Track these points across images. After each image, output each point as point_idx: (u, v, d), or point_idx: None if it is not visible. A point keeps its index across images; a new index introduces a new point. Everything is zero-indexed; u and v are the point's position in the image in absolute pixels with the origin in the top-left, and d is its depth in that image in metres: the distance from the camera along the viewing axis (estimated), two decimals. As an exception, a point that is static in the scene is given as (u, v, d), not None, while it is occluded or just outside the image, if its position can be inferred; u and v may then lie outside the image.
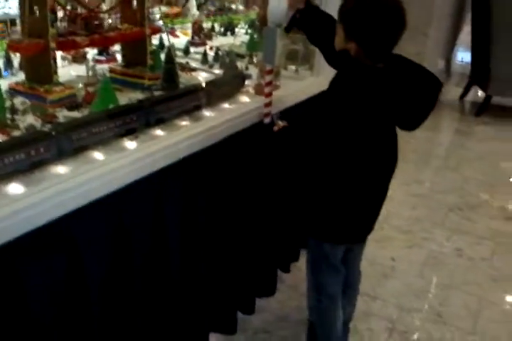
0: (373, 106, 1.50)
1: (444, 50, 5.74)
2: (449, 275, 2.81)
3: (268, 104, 1.91)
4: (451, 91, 6.27)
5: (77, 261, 1.30)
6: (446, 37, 5.60)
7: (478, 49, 5.71)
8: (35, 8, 1.59)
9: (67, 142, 1.38)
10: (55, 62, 1.66)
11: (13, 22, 2.69)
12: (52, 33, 1.61)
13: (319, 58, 2.36)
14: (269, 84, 1.87)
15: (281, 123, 1.74)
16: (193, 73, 2.34)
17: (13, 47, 1.63)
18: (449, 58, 6.28)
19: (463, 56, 7.10)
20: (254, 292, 2.29)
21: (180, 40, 2.90)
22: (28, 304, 1.20)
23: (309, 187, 1.77)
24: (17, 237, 1.13)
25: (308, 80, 2.37)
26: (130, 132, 1.59)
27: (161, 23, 2.99)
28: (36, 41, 1.57)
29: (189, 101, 1.84)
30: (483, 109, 5.58)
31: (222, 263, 1.98)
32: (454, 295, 2.64)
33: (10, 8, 2.48)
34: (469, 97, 6.15)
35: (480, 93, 5.93)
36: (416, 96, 1.52)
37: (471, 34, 5.87)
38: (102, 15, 1.90)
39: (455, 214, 3.46)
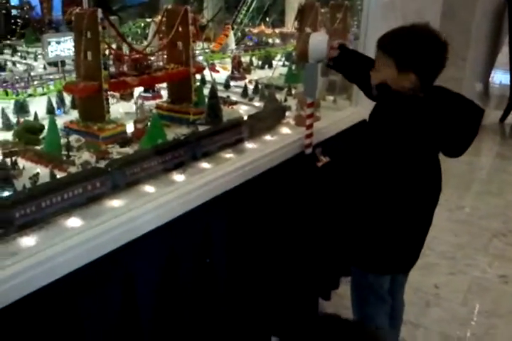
0: (419, 136, 1.53)
1: (482, 72, 5.70)
2: (494, 302, 2.73)
3: (309, 135, 1.96)
4: (491, 115, 6.18)
5: (131, 292, 1.35)
6: (484, 60, 5.56)
7: (517, 71, 5.64)
8: (89, 52, 1.71)
9: (121, 177, 1.46)
10: (108, 101, 1.76)
11: (63, 63, 2.87)
12: (105, 75, 1.72)
13: (357, 88, 2.41)
14: (310, 116, 1.92)
15: (324, 159, 1.78)
16: (235, 106, 2.43)
17: (69, 89, 1.75)
18: (487, 81, 6.22)
19: (502, 78, 7.02)
20: (296, 320, 2.29)
21: (221, 74, 3.01)
22: (85, 334, 1.26)
23: (354, 216, 1.79)
24: (75, 270, 1.19)
25: (347, 110, 2.42)
26: (178, 166, 1.66)
27: (201, 57, 3.13)
28: (91, 83, 1.68)
29: (232, 134, 1.91)
30: (524, 132, 5.49)
31: (264, 290, 2.00)
32: (499, 323, 2.56)
33: (62, 50, 2.65)
34: (509, 120, 6.05)
35: (521, 115, 5.84)
36: (459, 123, 1.55)
37: (509, 56, 5.81)
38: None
39: (498, 240, 3.38)
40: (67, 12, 1.71)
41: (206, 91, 2.30)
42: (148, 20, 4.02)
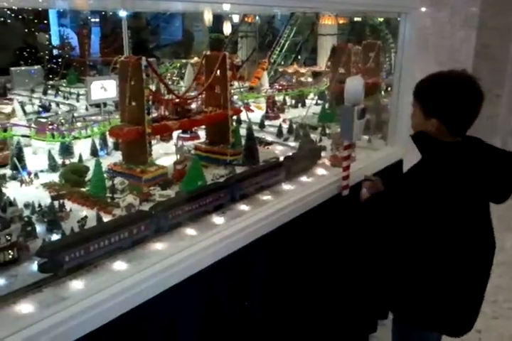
0: (464, 182, 1.49)
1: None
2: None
3: (346, 177, 1.97)
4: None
5: (173, 336, 1.36)
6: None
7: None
8: (133, 98, 1.78)
9: (164, 220, 1.50)
10: (150, 145, 1.82)
11: (105, 104, 2.99)
12: (148, 119, 1.79)
13: (393, 128, 2.43)
14: (346, 158, 1.94)
15: (366, 192, 1.80)
16: (270, 147, 2.47)
17: (114, 133, 1.81)
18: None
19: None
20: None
21: (255, 114, 3.08)
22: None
23: (397, 266, 1.68)
24: (120, 315, 1.21)
25: (383, 150, 2.43)
26: (218, 208, 1.69)
27: (236, 97, 3.21)
28: (135, 128, 1.75)
29: (270, 176, 1.94)
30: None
31: (301, 333, 1.97)
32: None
33: (104, 92, 2.77)
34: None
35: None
36: (501, 168, 1.52)
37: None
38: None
39: (543, 283, 3.26)
40: (113, 62, 1.80)
41: (241, 130, 2.37)
42: (184, 60, 4.16)
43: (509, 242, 3.96)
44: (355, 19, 4.80)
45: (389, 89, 3.21)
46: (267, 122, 2.89)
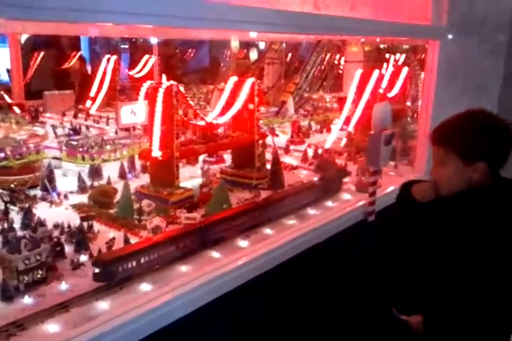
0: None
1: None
2: None
3: (372, 203, 1.96)
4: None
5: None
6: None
7: None
8: (162, 123, 1.82)
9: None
10: (178, 168, 1.85)
11: (134, 128, 3.05)
12: (177, 143, 1.82)
13: (420, 154, 2.42)
14: (373, 184, 1.94)
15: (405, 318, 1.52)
16: (295, 171, 2.48)
17: (144, 156, 1.85)
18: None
19: None
20: None
21: (280, 138, 3.11)
22: None
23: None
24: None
25: (408, 176, 2.41)
26: (243, 231, 1.70)
27: (261, 121, 3.25)
28: (164, 151, 1.78)
29: (295, 200, 1.94)
30: None
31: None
32: None
33: (134, 117, 2.83)
34: None
35: None
36: None
37: None
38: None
39: None
40: (147, 88, 1.84)
41: (267, 154, 2.39)
42: (211, 86, 4.24)
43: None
44: (382, 46, 4.86)
45: (415, 115, 3.21)
46: (292, 147, 2.91)
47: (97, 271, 1.29)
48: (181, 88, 1.92)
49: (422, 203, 1.46)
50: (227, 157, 2.42)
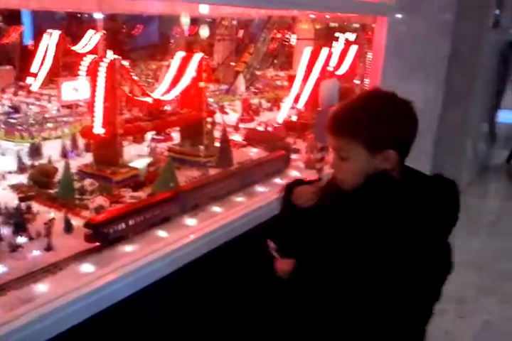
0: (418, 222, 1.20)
1: (487, 113, 5.76)
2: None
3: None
4: (497, 155, 6.20)
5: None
6: (490, 100, 5.64)
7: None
8: (105, 99, 1.75)
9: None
10: (122, 146, 1.79)
11: (76, 106, 2.94)
12: (121, 120, 1.76)
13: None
14: (320, 160, 1.94)
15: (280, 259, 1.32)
16: (244, 149, 2.46)
17: (85, 133, 1.78)
18: (493, 121, 6.28)
19: (508, 118, 7.06)
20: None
21: (230, 116, 3.07)
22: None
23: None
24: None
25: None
26: (191, 209, 1.67)
27: (211, 99, 3.20)
28: (107, 128, 1.72)
29: (243, 178, 1.93)
30: (531, 173, 5.48)
31: None
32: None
33: (76, 93, 2.72)
34: (517, 160, 6.06)
35: (527, 156, 5.84)
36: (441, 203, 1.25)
37: (515, 96, 5.89)
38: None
39: (508, 282, 3.33)
40: (92, 62, 1.76)
41: (216, 132, 2.36)
42: (159, 63, 4.13)
43: (476, 244, 4.03)
44: (332, 24, 4.85)
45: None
46: (242, 125, 2.89)
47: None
48: (125, 63, 1.85)
49: (303, 208, 1.28)
50: (176, 135, 2.37)
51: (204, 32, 5.90)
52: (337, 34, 4.64)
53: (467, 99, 4.41)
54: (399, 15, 3.00)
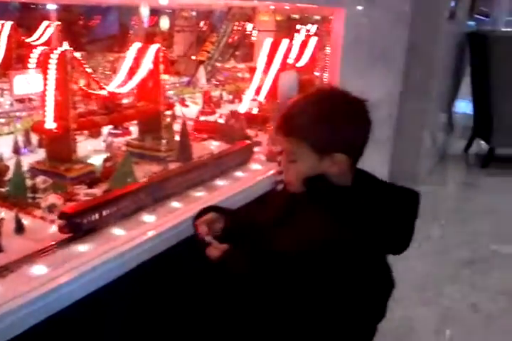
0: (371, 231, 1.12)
1: (445, 103, 5.89)
2: (466, 332, 2.74)
3: (280, 172, 1.95)
4: (455, 144, 6.36)
5: None
6: (448, 91, 5.77)
7: (479, 102, 5.85)
8: (57, 92, 1.68)
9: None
10: (75, 141, 1.73)
11: (30, 100, 2.83)
12: (74, 115, 1.70)
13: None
14: (281, 153, 1.93)
15: (217, 245, 1.22)
16: (205, 142, 2.43)
17: (37, 129, 1.71)
18: (451, 111, 6.42)
19: (465, 108, 7.24)
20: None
21: (191, 109, 3.02)
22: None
23: None
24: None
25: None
26: (149, 205, 1.63)
27: (171, 92, 3.14)
28: (59, 123, 1.65)
29: (203, 172, 1.90)
30: (488, 161, 5.63)
31: None
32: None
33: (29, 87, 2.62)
34: (474, 149, 6.22)
35: (484, 144, 6.00)
36: (398, 213, 1.18)
37: (471, 87, 6.03)
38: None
39: (469, 269, 3.42)
40: (41, 53, 1.69)
41: (177, 125, 2.31)
42: (117, 55, 4.02)
43: (436, 232, 4.12)
44: (294, 16, 4.84)
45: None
46: (203, 118, 2.85)
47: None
48: (77, 54, 1.78)
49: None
50: (135, 129, 2.31)
51: (164, 23, 5.80)
52: (298, 26, 4.64)
53: (426, 91, 4.50)
54: (359, 7, 3.02)
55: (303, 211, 1.16)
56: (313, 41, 3.42)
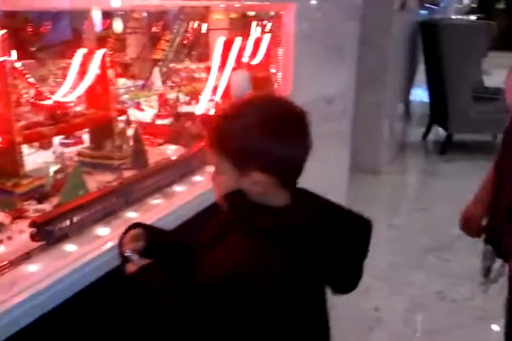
0: (302, 264, 1.03)
1: (402, 93, 5.98)
2: (434, 320, 2.79)
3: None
4: (413, 132, 6.48)
5: None
6: (403, 80, 5.86)
7: (434, 89, 5.97)
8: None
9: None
10: (22, 155, 1.67)
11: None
12: (18, 127, 1.63)
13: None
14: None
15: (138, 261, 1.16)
16: (161, 147, 2.38)
17: (-22, 144, 1.63)
18: (408, 100, 6.53)
19: (421, 96, 7.38)
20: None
21: (146, 113, 2.96)
22: None
23: None
24: None
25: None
26: (104, 217, 1.59)
27: (126, 96, 3.07)
28: (3, 137, 1.58)
29: (160, 179, 1.86)
30: (446, 147, 5.76)
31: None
32: (441, 340, 2.62)
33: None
34: (432, 136, 6.34)
35: (441, 131, 6.14)
36: (346, 243, 1.08)
37: (426, 75, 6.15)
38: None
39: (432, 256, 3.48)
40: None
41: (131, 131, 2.25)
42: (70, 61, 3.91)
43: (398, 220, 4.19)
44: (248, 14, 4.80)
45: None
46: (159, 121, 2.79)
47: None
48: (18, 64, 1.71)
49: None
50: (87, 137, 2.24)
51: (117, 25, 5.67)
52: (253, 23, 4.61)
53: (381, 81, 4.56)
54: (312, 1, 3.02)
55: (230, 231, 1.10)
56: (267, 38, 3.40)
